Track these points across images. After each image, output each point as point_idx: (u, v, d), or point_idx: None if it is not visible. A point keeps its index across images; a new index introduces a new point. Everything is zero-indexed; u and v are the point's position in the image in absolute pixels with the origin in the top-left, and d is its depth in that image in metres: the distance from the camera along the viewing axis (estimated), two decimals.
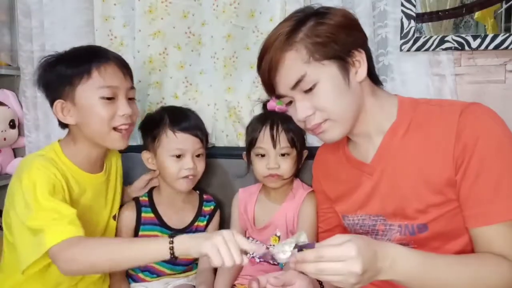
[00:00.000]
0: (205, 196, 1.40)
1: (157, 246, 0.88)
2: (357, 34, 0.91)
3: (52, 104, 1.12)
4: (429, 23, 1.38)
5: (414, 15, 1.35)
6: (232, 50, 1.52)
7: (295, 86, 0.88)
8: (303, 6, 1.10)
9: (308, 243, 0.77)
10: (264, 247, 0.83)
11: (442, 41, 1.34)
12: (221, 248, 0.80)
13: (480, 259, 0.83)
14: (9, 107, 1.67)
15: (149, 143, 1.30)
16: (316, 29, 0.86)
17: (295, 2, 1.40)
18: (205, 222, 1.37)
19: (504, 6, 1.32)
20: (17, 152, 1.77)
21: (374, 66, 0.98)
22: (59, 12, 1.59)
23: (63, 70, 1.10)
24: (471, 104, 0.89)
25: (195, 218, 1.35)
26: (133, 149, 1.37)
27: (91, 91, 1.09)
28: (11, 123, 1.67)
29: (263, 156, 1.25)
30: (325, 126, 0.90)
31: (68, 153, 1.15)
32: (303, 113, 0.90)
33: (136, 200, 1.34)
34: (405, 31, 1.36)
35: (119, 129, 1.13)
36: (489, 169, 0.83)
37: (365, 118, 0.94)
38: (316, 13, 0.89)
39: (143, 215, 1.32)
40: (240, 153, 1.35)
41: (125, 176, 1.41)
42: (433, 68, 1.37)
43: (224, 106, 1.56)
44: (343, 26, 0.88)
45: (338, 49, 0.87)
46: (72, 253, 0.93)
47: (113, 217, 1.30)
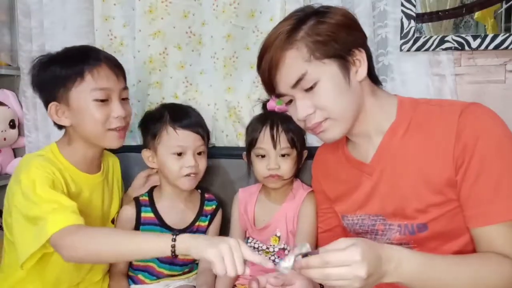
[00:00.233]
0: (206, 195, 1.38)
1: (159, 243, 0.87)
2: (357, 33, 0.91)
3: (47, 105, 1.13)
4: (429, 23, 1.38)
5: (414, 15, 1.35)
6: (232, 50, 1.52)
7: (295, 85, 0.88)
8: (303, 6, 1.10)
9: (312, 251, 0.77)
10: (270, 262, 0.81)
11: (442, 41, 1.34)
12: (226, 257, 0.78)
13: (481, 259, 0.84)
14: (9, 107, 1.67)
15: (149, 140, 1.29)
16: (317, 28, 0.86)
17: (295, 2, 1.40)
18: (206, 222, 1.35)
19: (504, 6, 1.32)
20: (17, 152, 1.76)
21: (373, 66, 0.98)
22: (59, 12, 1.58)
23: (57, 72, 1.10)
24: (471, 104, 0.89)
25: (196, 217, 1.33)
26: (132, 149, 1.37)
27: (84, 93, 1.09)
28: (11, 123, 1.67)
29: (263, 156, 1.25)
30: (325, 125, 0.90)
31: (65, 153, 1.15)
32: (303, 112, 0.90)
33: (136, 199, 1.33)
34: (405, 31, 1.36)
35: (114, 129, 1.13)
36: (489, 169, 0.83)
37: (364, 117, 0.94)
38: (317, 12, 0.89)
39: (142, 215, 1.30)
40: (240, 153, 1.35)
41: (126, 177, 1.41)
42: (433, 68, 1.37)
43: (224, 106, 1.56)
44: (343, 25, 0.88)
45: (339, 48, 0.87)
46: (72, 240, 0.93)
47: (112, 221, 1.30)
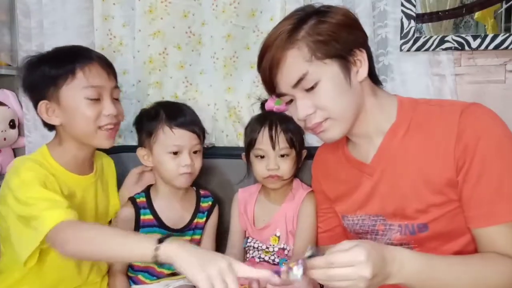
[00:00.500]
0: (202, 192, 1.38)
1: (140, 249, 0.82)
2: (358, 33, 0.91)
3: (36, 105, 1.11)
4: (429, 23, 1.38)
5: (414, 15, 1.35)
6: (232, 50, 1.52)
7: (296, 85, 0.88)
8: (303, 6, 1.10)
9: (317, 253, 0.76)
10: (276, 277, 0.78)
11: (442, 41, 1.34)
12: (216, 283, 0.72)
13: (483, 259, 0.84)
14: (9, 107, 1.67)
15: (145, 139, 1.27)
16: (318, 28, 0.86)
17: (295, 2, 1.40)
18: (204, 219, 1.35)
19: (504, 6, 1.32)
20: (17, 152, 1.76)
21: (374, 66, 0.98)
22: (59, 12, 1.58)
23: (47, 71, 1.09)
24: (471, 105, 0.89)
25: (194, 215, 1.33)
26: (126, 149, 1.36)
27: (75, 91, 1.09)
28: (11, 123, 1.67)
29: (262, 157, 1.24)
30: (325, 125, 0.90)
31: (55, 155, 1.14)
32: (304, 111, 0.89)
33: (133, 200, 1.31)
34: (405, 31, 1.36)
35: (105, 128, 1.13)
36: (490, 170, 0.83)
37: (365, 118, 0.94)
38: (317, 11, 0.89)
39: (142, 217, 1.29)
40: (240, 153, 1.35)
41: (120, 178, 1.39)
42: (433, 68, 1.37)
43: (224, 106, 1.56)
44: (344, 24, 0.87)
45: (340, 48, 0.86)
46: (66, 233, 0.92)
47: (109, 223, 1.29)
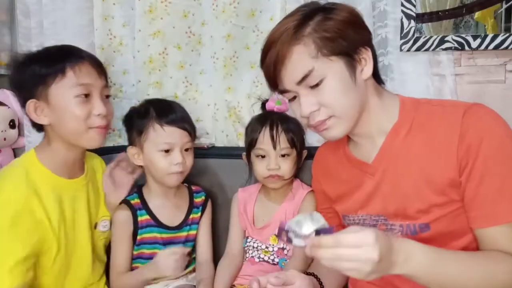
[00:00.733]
0: (193, 188, 1.39)
1: None
2: (363, 31, 0.91)
3: (24, 104, 1.10)
4: (429, 23, 1.38)
5: (414, 15, 1.35)
6: (232, 50, 1.52)
7: (301, 81, 0.87)
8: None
9: (327, 228, 0.77)
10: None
11: (442, 41, 1.33)
12: None
13: (489, 255, 0.84)
14: (9, 107, 1.66)
15: (135, 137, 1.25)
16: (324, 24, 0.85)
17: (295, 1, 1.40)
18: (199, 214, 1.36)
19: (504, 6, 1.32)
20: (17, 152, 1.75)
21: (378, 66, 0.97)
22: (59, 12, 1.58)
23: (37, 70, 1.08)
24: (473, 105, 0.88)
25: (189, 211, 1.34)
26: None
27: (65, 90, 1.08)
28: (11, 123, 1.66)
29: (263, 157, 1.25)
30: (329, 123, 0.90)
31: (43, 159, 1.12)
32: (307, 108, 0.89)
33: (128, 203, 1.29)
34: (405, 31, 1.36)
35: (95, 128, 1.12)
36: (493, 171, 0.83)
37: (368, 117, 0.94)
38: (323, 8, 0.89)
39: (139, 218, 1.28)
40: (240, 153, 1.35)
41: None
42: (433, 68, 1.37)
43: (224, 106, 1.56)
44: (350, 22, 0.87)
45: (346, 45, 0.86)
46: None
47: (94, 226, 1.26)
